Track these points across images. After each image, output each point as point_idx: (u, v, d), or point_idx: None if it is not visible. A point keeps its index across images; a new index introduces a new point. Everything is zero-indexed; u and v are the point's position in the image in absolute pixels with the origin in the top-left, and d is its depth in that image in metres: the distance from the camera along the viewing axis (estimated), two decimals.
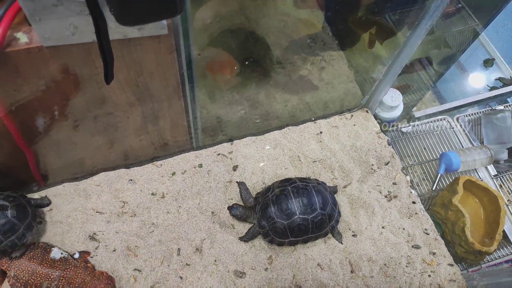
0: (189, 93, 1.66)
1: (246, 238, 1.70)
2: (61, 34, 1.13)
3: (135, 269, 1.61)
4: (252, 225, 1.72)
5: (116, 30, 1.20)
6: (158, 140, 1.87)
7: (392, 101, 1.99)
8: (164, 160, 1.88)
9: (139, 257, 1.64)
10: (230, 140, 1.96)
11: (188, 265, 1.64)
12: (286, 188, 1.66)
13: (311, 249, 1.71)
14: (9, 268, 1.49)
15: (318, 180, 1.78)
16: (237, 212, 1.71)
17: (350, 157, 1.95)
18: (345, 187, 1.87)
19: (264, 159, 1.92)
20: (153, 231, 1.71)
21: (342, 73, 2.15)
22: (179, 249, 1.67)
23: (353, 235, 1.76)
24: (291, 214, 1.61)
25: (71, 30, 1.13)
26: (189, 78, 1.58)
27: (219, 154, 1.92)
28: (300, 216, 1.61)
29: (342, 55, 2.19)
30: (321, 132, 2.02)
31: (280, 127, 2.03)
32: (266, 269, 1.66)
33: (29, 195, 1.73)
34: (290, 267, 1.67)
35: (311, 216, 1.62)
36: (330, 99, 2.10)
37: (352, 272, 1.68)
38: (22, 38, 1.15)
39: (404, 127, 2.35)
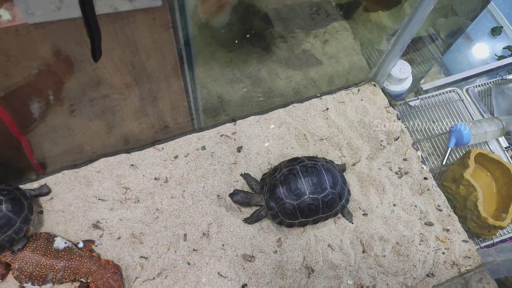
0: (188, 72, 1.57)
1: (251, 220, 1.65)
2: (46, 9, 1.05)
3: (141, 257, 1.57)
4: (257, 207, 1.67)
5: (104, 3, 1.11)
6: (158, 123, 1.79)
7: (401, 73, 1.90)
8: (166, 143, 1.82)
9: (145, 244, 1.59)
10: (233, 120, 1.89)
11: (196, 250, 1.60)
12: (294, 167, 1.60)
13: (321, 230, 1.66)
14: (13, 261, 1.45)
15: (326, 159, 1.71)
16: (239, 197, 1.65)
17: (358, 133, 1.88)
18: (354, 165, 1.81)
19: (269, 138, 1.85)
20: (158, 217, 1.66)
21: (347, 46, 2.06)
22: (185, 235, 1.62)
23: (363, 214, 1.71)
24: (300, 194, 1.55)
25: (56, 4, 1.04)
26: (188, 57, 1.49)
27: (222, 135, 1.85)
28: (310, 195, 1.55)
29: (346, 27, 2.09)
30: (327, 109, 1.94)
31: (284, 105, 1.95)
32: (275, 252, 1.61)
33: (28, 184, 1.68)
34: (300, 249, 1.62)
35: (321, 195, 1.56)
36: (335, 74, 2.02)
37: (363, 252, 1.64)
38: (4, 15, 1.07)
39: (411, 101, 2.27)
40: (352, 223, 1.68)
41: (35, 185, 1.68)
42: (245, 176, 1.74)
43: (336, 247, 1.64)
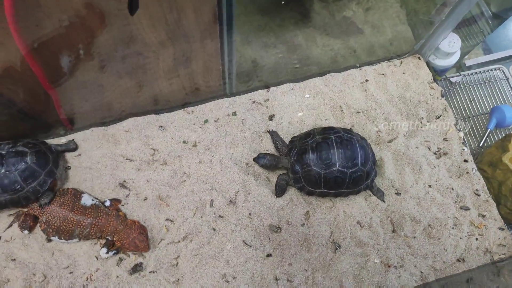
0: (227, 34, 1.49)
1: (279, 193, 1.60)
2: None
3: (167, 219, 1.56)
4: (280, 174, 1.62)
5: None
6: (190, 85, 1.73)
7: (450, 47, 1.76)
8: (196, 106, 1.76)
9: (171, 207, 1.58)
10: (266, 86, 1.81)
11: (221, 217, 1.58)
12: (329, 136, 1.53)
13: (350, 206, 1.61)
14: (41, 214, 1.46)
15: (360, 135, 1.64)
16: (265, 161, 1.59)
17: (398, 109, 1.78)
18: (390, 141, 1.73)
19: (303, 108, 1.77)
20: (185, 180, 1.63)
21: (392, 14, 1.92)
22: (212, 201, 1.60)
23: (396, 193, 1.64)
24: (330, 165, 1.49)
25: None
26: (228, 17, 1.40)
27: (254, 102, 1.78)
28: (340, 168, 1.49)
29: None
30: (366, 80, 1.84)
31: (321, 74, 1.86)
32: (302, 225, 1.58)
33: (56, 139, 1.67)
34: (328, 224, 1.58)
35: (350, 170, 1.50)
36: (377, 44, 1.89)
37: (393, 231, 1.59)
38: None
39: (452, 77, 2.13)
40: (384, 201, 1.62)
41: (63, 140, 1.67)
42: (272, 133, 1.69)
43: (365, 224, 1.59)
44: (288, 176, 1.60)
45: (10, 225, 1.52)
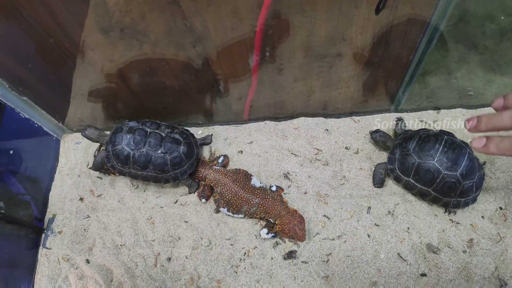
0: (416, 64, 1.56)
1: (376, 183, 1.66)
2: None
3: (324, 215, 1.61)
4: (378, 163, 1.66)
5: None
6: (358, 96, 1.80)
7: None
8: (363, 116, 1.83)
9: (329, 206, 1.63)
10: (437, 108, 1.80)
11: (377, 225, 1.57)
12: (442, 135, 1.52)
13: None
14: (216, 185, 1.62)
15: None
16: (378, 135, 1.68)
17: None
18: None
19: (474, 135, 1.71)
20: (343, 184, 1.68)
21: None
22: (369, 208, 1.61)
23: None
24: (427, 157, 1.48)
25: None
26: (424, 51, 1.49)
27: (421, 121, 1.78)
28: (436, 164, 1.46)
29: None
30: None
31: None
32: (464, 251, 1.50)
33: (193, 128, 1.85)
34: (493, 257, 1.48)
35: (445, 172, 1.45)
36: None
37: None
38: None
39: None
40: (454, 213, 1.57)
41: (199, 131, 1.87)
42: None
43: None
44: (385, 164, 1.64)
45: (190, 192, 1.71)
